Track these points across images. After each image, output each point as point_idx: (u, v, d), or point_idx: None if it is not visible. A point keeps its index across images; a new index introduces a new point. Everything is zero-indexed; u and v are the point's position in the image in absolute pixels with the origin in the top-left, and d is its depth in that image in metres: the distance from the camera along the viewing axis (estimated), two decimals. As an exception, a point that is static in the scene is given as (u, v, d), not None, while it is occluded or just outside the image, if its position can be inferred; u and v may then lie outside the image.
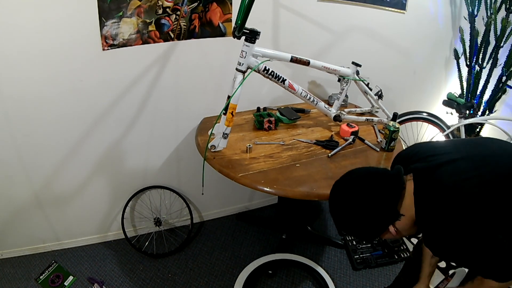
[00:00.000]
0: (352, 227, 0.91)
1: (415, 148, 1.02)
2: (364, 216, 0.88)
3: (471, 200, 0.80)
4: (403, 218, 0.89)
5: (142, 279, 1.79)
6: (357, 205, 0.88)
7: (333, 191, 0.95)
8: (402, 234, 0.93)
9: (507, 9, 2.06)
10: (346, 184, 0.94)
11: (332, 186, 0.96)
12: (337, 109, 1.70)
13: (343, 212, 0.92)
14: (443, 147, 0.97)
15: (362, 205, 0.88)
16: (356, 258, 1.93)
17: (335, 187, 0.96)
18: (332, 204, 0.95)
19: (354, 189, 0.90)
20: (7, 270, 1.81)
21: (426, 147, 1.00)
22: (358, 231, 0.92)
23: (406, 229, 0.91)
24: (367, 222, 0.88)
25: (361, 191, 0.89)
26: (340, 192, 0.94)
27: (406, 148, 1.06)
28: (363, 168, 0.97)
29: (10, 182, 1.69)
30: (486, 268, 0.84)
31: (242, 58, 1.36)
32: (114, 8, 1.44)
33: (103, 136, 1.72)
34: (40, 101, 1.53)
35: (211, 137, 1.48)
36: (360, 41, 2.07)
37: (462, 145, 0.99)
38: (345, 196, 0.91)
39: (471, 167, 0.86)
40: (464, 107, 2.14)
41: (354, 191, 0.90)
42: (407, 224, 0.90)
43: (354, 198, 0.89)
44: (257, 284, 1.79)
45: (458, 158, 0.89)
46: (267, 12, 1.75)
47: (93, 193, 1.87)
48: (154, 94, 1.71)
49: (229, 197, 2.24)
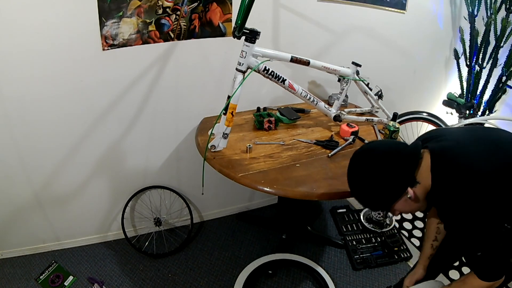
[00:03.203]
0: (371, 188, 0.97)
1: (433, 131, 1.11)
2: (384, 177, 0.94)
3: (486, 179, 0.84)
4: (418, 186, 0.94)
5: (142, 279, 1.79)
6: (378, 166, 0.95)
7: (356, 155, 1.03)
8: (413, 206, 0.99)
9: (507, 9, 2.06)
10: (368, 150, 1.02)
11: (353, 154, 1.04)
12: (337, 109, 1.69)
13: (364, 173, 0.98)
14: (458, 130, 1.05)
15: (384, 166, 0.95)
16: (356, 258, 1.93)
17: (358, 153, 1.03)
18: (354, 166, 1.02)
19: (376, 153, 0.99)
20: (7, 270, 1.81)
21: (443, 130, 1.10)
22: (377, 193, 0.97)
23: (419, 200, 0.96)
24: (386, 184, 0.95)
25: (383, 155, 0.97)
26: (362, 156, 1.01)
27: (424, 133, 1.13)
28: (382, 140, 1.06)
29: (10, 182, 1.69)
30: (480, 258, 0.90)
31: (242, 58, 1.36)
32: (114, 8, 1.44)
33: (103, 136, 1.72)
34: (40, 101, 1.53)
35: (211, 137, 1.48)
36: (360, 41, 2.07)
37: (476, 130, 1.07)
38: (367, 158, 0.99)
39: (485, 150, 0.91)
40: (464, 107, 2.14)
41: (376, 155, 0.98)
42: (420, 194, 0.95)
43: (376, 160, 0.97)
44: (257, 284, 1.79)
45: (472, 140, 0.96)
46: (267, 12, 1.75)
47: (93, 193, 1.87)
48: (154, 94, 1.72)
49: (229, 197, 2.24)
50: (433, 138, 1.02)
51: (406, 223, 2.24)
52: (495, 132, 1.03)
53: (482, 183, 0.84)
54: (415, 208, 1.00)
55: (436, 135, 1.03)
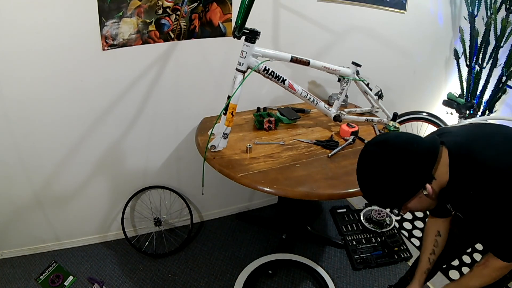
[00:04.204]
0: (387, 186, 0.91)
1: (441, 129, 1.08)
2: (401, 173, 0.88)
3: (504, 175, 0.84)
4: (434, 183, 0.90)
5: (142, 279, 1.79)
6: (396, 162, 0.88)
7: (369, 148, 0.95)
8: (425, 204, 0.95)
9: (507, 9, 2.06)
10: (383, 143, 0.93)
11: (365, 146, 0.96)
12: (337, 109, 1.70)
13: (379, 169, 0.91)
14: (469, 127, 1.03)
15: (402, 162, 0.88)
16: (356, 258, 1.93)
17: (370, 145, 0.95)
18: (366, 161, 0.94)
19: (393, 147, 0.90)
20: (7, 270, 1.81)
21: (451, 127, 1.07)
22: (392, 191, 0.91)
23: (434, 197, 0.93)
24: (404, 181, 0.89)
25: (400, 149, 0.89)
26: (377, 149, 0.93)
27: (434, 131, 1.11)
28: (397, 132, 1.01)
29: (10, 182, 1.69)
30: (501, 240, 0.90)
31: (242, 58, 1.36)
32: (114, 8, 1.44)
33: (103, 136, 1.72)
34: (40, 101, 1.54)
35: (211, 137, 1.48)
36: (360, 41, 2.07)
37: (487, 126, 1.06)
38: (383, 153, 0.91)
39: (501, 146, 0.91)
40: (464, 107, 2.14)
41: (393, 149, 0.90)
42: (435, 191, 0.91)
43: (393, 155, 0.89)
44: (257, 284, 1.79)
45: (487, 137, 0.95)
46: (267, 12, 1.75)
47: (93, 193, 1.87)
48: (154, 94, 1.72)
49: (229, 197, 2.24)
50: (445, 133, 1.00)
51: (406, 223, 2.24)
52: (505, 128, 1.01)
53: (501, 180, 0.84)
54: (426, 206, 0.97)
55: (448, 131, 1.01)
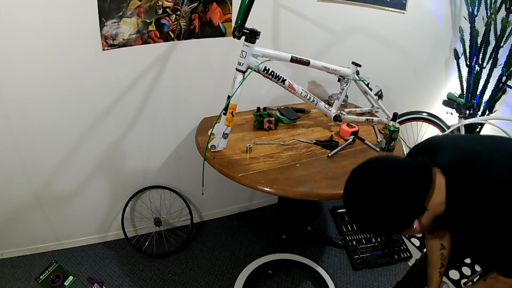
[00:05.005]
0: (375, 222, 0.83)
1: (431, 140, 0.97)
2: (390, 209, 0.80)
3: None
4: (426, 214, 0.83)
5: (142, 279, 1.79)
6: (384, 198, 0.80)
7: (354, 181, 0.86)
8: (417, 232, 0.87)
9: (507, 9, 2.06)
10: (369, 175, 0.84)
11: (350, 175, 0.88)
12: (337, 109, 1.70)
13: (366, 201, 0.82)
14: (463, 138, 0.94)
15: (389, 197, 0.80)
16: (356, 258, 1.93)
17: (356, 176, 0.86)
18: (352, 195, 0.86)
19: (380, 180, 0.81)
20: (7, 270, 1.81)
21: (442, 138, 0.95)
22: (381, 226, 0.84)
23: (425, 228, 0.87)
24: (393, 217, 0.81)
25: (388, 182, 0.80)
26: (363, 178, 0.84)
27: (423, 141, 1.01)
28: (384, 157, 0.90)
29: (10, 182, 1.69)
30: (504, 257, 0.82)
31: (242, 58, 1.36)
32: (114, 8, 1.44)
33: (103, 136, 1.72)
34: (40, 101, 1.53)
35: (211, 137, 1.48)
36: (360, 41, 2.07)
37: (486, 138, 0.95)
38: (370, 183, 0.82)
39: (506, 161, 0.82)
40: (464, 107, 2.14)
41: (380, 182, 0.81)
42: (428, 221, 0.85)
43: (381, 189, 0.81)
44: (257, 284, 1.79)
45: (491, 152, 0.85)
46: (267, 12, 1.75)
47: (93, 193, 1.87)
48: (154, 94, 1.71)
49: (229, 197, 2.24)
50: (437, 148, 0.89)
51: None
52: (499, 138, 0.93)
53: (508, 193, 0.76)
54: (419, 232, 0.89)
55: (439, 146, 0.90)
